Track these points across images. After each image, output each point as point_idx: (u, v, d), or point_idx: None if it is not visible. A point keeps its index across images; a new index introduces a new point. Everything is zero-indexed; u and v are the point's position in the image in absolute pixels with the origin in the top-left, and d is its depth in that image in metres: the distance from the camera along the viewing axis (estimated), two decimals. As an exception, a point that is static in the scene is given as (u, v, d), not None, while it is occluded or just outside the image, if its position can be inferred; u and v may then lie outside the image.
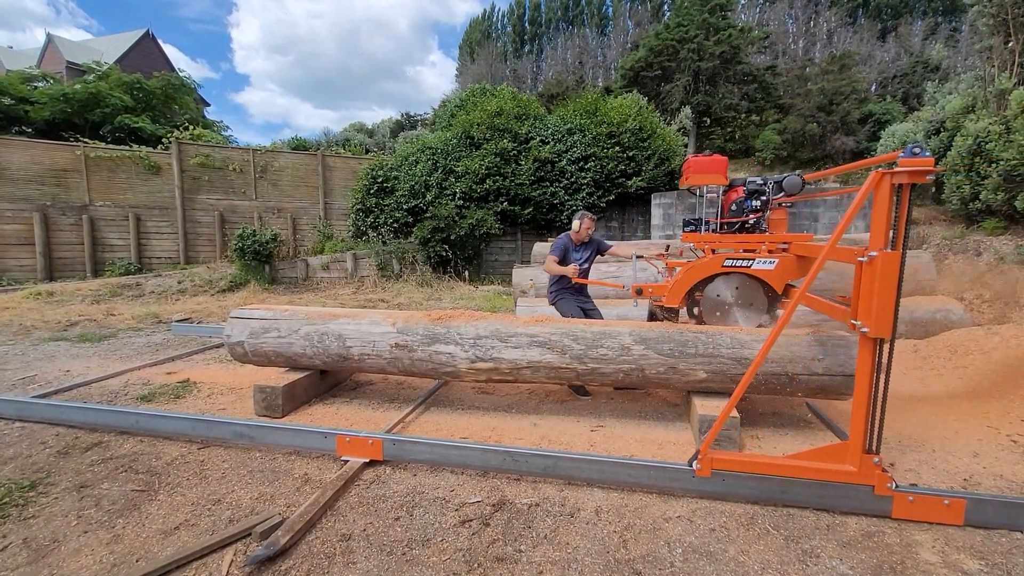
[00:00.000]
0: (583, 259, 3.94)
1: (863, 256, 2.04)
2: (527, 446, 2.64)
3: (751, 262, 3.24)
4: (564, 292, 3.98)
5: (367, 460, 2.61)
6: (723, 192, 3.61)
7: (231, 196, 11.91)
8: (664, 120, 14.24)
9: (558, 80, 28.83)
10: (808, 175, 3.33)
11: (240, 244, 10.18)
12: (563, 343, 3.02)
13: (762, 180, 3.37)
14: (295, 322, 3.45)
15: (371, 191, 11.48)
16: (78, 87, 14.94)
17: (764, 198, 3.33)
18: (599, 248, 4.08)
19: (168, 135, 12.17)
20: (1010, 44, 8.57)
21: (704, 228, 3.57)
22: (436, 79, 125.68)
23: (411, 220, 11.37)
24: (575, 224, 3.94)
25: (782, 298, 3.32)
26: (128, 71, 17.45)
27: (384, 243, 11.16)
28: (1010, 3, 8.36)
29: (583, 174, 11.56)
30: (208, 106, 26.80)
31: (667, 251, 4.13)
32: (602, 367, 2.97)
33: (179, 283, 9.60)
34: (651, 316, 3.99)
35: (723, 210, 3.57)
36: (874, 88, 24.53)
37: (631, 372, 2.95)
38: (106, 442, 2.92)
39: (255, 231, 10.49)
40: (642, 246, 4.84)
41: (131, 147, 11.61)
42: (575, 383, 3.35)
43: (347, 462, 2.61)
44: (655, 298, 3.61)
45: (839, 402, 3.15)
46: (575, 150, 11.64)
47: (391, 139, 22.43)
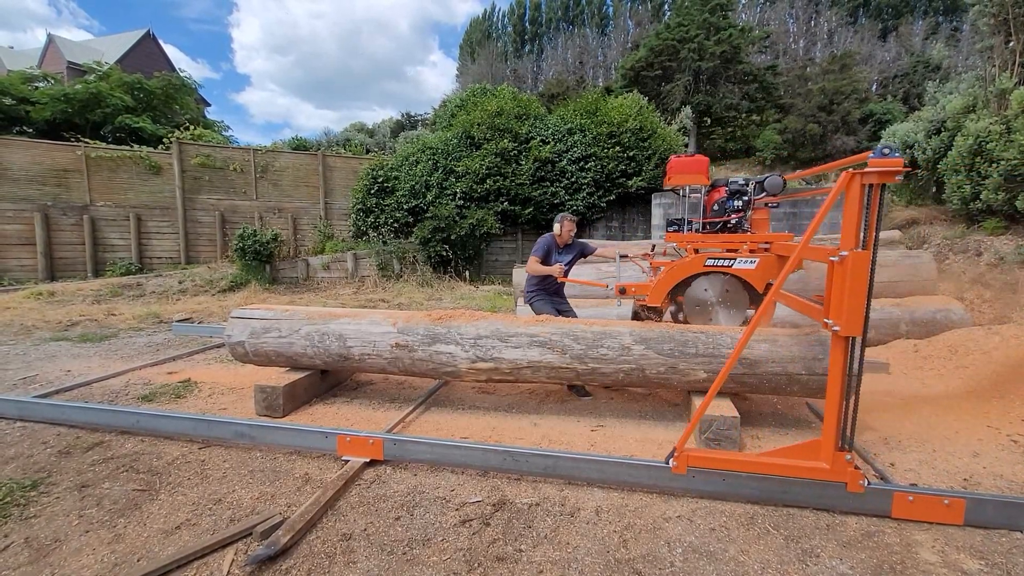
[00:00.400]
0: (566, 261, 3.97)
1: (835, 256, 2.05)
2: (527, 446, 2.65)
3: (732, 262, 3.27)
4: (540, 292, 4.03)
5: (368, 460, 2.62)
6: (706, 192, 3.64)
7: (232, 196, 11.90)
8: (665, 120, 14.20)
9: (558, 80, 28.76)
10: (789, 175, 3.36)
11: (241, 244, 10.19)
12: (563, 343, 3.02)
13: (744, 180, 3.41)
14: (296, 322, 3.45)
15: (372, 191, 11.48)
16: (79, 87, 14.94)
17: (746, 198, 3.36)
18: (583, 251, 4.11)
19: (169, 135, 12.16)
20: (1011, 44, 8.55)
21: (687, 228, 3.59)
22: (437, 79, 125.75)
23: (412, 220, 11.36)
24: (556, 227, 3.97)
25: (763, 297, 3.33)
26: (129, 71, 17.44)
27: (385, 243, 11.16)
28: (1011, 3, 8.34)
29: (583, 174, 11.55)
30: (209, 106, 26.82)
31: (652, 251, 4.15)
32: (602, 367, 2.97)
33: (180, 283, 9.61)
34: (635, 316, 4.02)
35: (706, 210, 3.60)
36: (875, 88, 24.54)
37: (631, 372, 2.95)
38: (107, 442, 2.92)
39: (256, 231, 10.50)
40: (629, 246, 4.85)
41: (132, 147, 11.60)
42: (575, 383, 3.36)
43: (348, 462, 2.61)
44: (638, 297, 3.64)
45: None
46: (575, 150, 11.63)
47: (392, 139, 22.39)
